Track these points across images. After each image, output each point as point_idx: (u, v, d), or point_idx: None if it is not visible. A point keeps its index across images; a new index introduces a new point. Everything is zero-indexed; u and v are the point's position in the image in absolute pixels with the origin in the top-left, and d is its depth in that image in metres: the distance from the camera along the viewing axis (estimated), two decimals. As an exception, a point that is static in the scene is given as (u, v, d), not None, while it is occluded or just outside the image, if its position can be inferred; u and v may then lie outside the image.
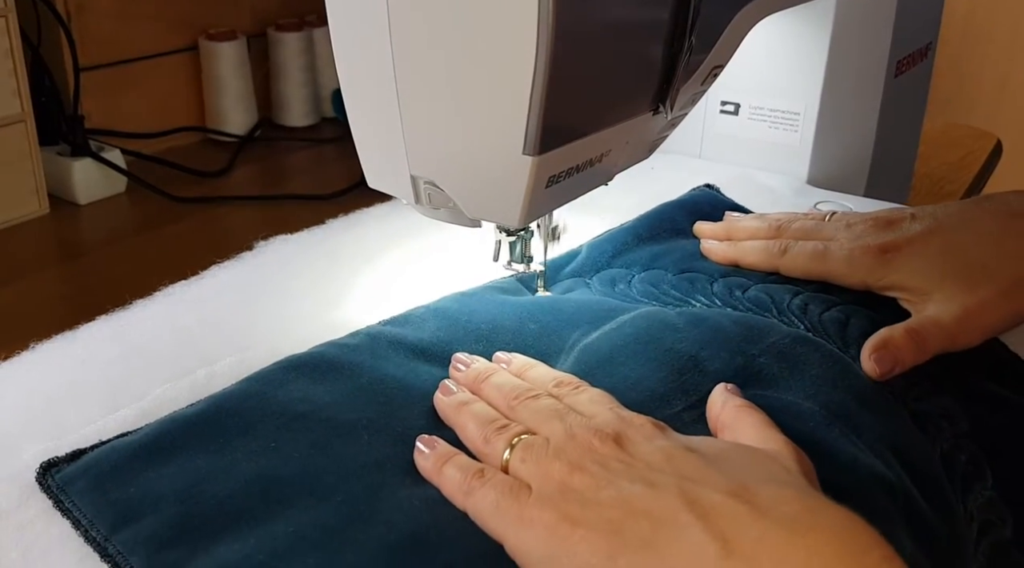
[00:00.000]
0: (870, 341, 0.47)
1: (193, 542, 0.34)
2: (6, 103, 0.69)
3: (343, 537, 0.35)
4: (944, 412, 0.45)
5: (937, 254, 0.51)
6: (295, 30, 0.92)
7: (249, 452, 0.38)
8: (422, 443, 0.39)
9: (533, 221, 0.50)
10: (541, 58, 0.35)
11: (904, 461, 0.41)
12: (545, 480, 0.36)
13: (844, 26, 0.69)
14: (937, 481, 0.41)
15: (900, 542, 0.36)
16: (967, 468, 0.43)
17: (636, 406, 0.40)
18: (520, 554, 0.34)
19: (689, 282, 0.54)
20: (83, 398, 0.43)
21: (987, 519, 0.42)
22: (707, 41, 0.47)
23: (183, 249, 0.58)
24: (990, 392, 0.48)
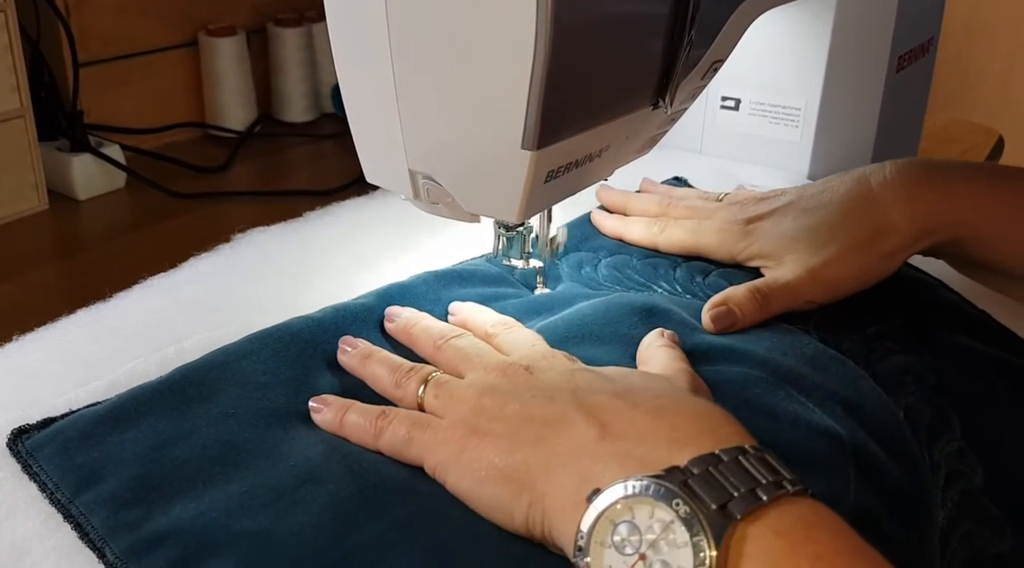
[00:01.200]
0: (712, 298, 0.50)
1: (151, 502, 0.36)
2: (5, 98, 0.68)
3: (294, 497, 0.36)
4: (908, 369, 0.47)
5: (791, 221, 0.54)
6: (294, 25, 0.92)
7: (210, 418, 0.40)
8: (316, 402, 0.42)
9: (532, 216, 0.49)
10: (540, 52, 0.35)
11: (859, 416, 0.42)
12: (458, 407, 0.39)
13: (845, 21, 0.68)
14: (898, 433, 0.43)
15: (847, 486, 0.38)
16: (932, 420, 0.45)
17: None
18: (438, 471, 0.37)
19: (653, 267, 0.56)
20: (58, 375, 0.45)
21: (956, 468, 0.43)
22: (707, 35, 0.47)
23: (182, 245, 0.58)
24: (958, 345, 0.50)
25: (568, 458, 0.34)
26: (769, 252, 0.53)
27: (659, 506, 0.31)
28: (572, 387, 0.38)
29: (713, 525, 0.30)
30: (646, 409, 0.35)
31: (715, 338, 0.48)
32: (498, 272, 0.55)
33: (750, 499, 0.30)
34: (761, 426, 0.40)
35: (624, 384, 0.38)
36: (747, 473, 0.31)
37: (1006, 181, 0.53)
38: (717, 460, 0.32)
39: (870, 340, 0.49)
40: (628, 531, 0.31)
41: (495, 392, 0.39)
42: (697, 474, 0.31)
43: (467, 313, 0.48)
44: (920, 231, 0.52)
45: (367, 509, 0.36)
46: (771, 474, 0.31)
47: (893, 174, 0.54)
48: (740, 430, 0.35)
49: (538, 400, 0.38)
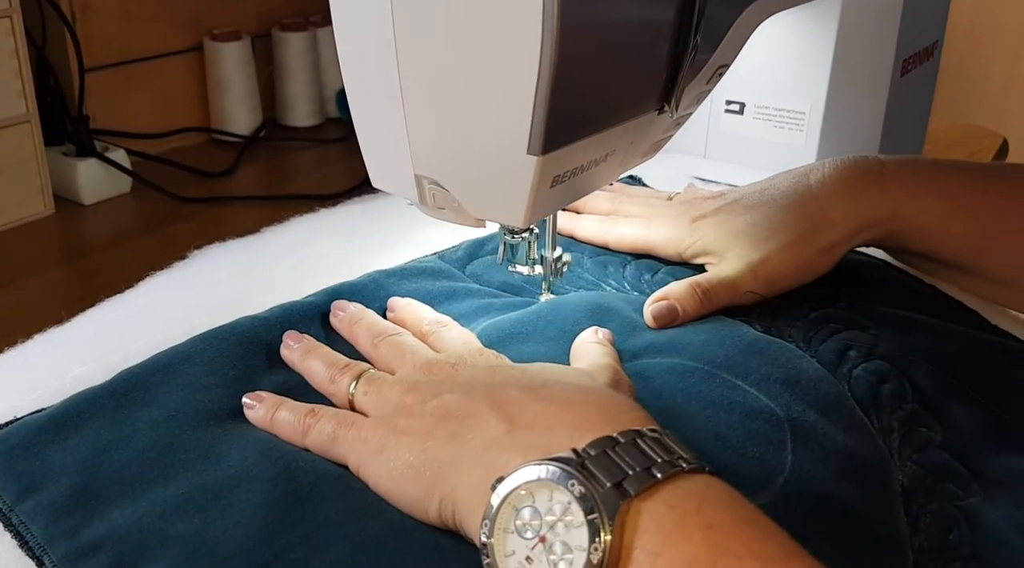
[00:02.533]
0: (654, 294, 0.51)
1: (89, 509, 0.36)
2: (11, 104, 0.69)
3: (229, 498, 0.37)
4: (851, 344, 0.49)
5: (734, 218, 0.55)
6: (299, 30, 0.93)
7: (150, 422, 0.41)
8: (249, 398, 0.42)
9: (537, 221, 0.49)
10: (545, 57, 0.35)
11: (796, 391, 0.44)
12: (383, 405, 0.40)
13: (850, 25, 0.68)
14: (838, 401, 0.44)
15: (782, 458, 0.40)
16: (880, 387, 0.46)
17: None
18: (361, 470, 0.38)
19: (603, 266, 0.57)
20: (5, 389, 0.44)
21: (911, 429, 0.44)
22: (712, 40, 0.47)
23: (188, 249, 0.58)
24: (902, 316, 0.51)
25: (477, 452, 0.35)
26: (712, 248, 0.54)
27: (557, 489, 0.31)
28: (489, 382, 0.39)
29: (607, 503, 0.30)
30: (554, 401, 0.36)
31: (656, 333, 0.49)
32: (447, 268, 0.55)
33: (644, 477, 0.31)
34: (697, 413, 0.42)
35: (540, 379, 0.39)
36: (643, 453, 0.32)
37: (942, 174, 0.55)
38: (614, 442, 0.33)
39: (813, 324, 0.50)
40: (530, 515, 0.31)
41: (418, 390, 0.40)
42: (594, 456, 0.32)
43: (404, 310, 0.49)
44: (857, 226, 0.53)
45: (301, 507, 0.36)
46: (666, 454, 0.32)
47: (831, 171, 0.55)
48: (643, 416, 0.36)
49: (455, 396, 0.38)
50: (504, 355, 0.45)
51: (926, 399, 0.46)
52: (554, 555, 0.31)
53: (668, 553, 0.30)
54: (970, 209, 0.53)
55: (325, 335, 0.47)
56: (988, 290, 0.55)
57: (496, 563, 0.32)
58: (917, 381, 0.46)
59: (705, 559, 0.29)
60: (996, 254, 0.53)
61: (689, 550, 0.29)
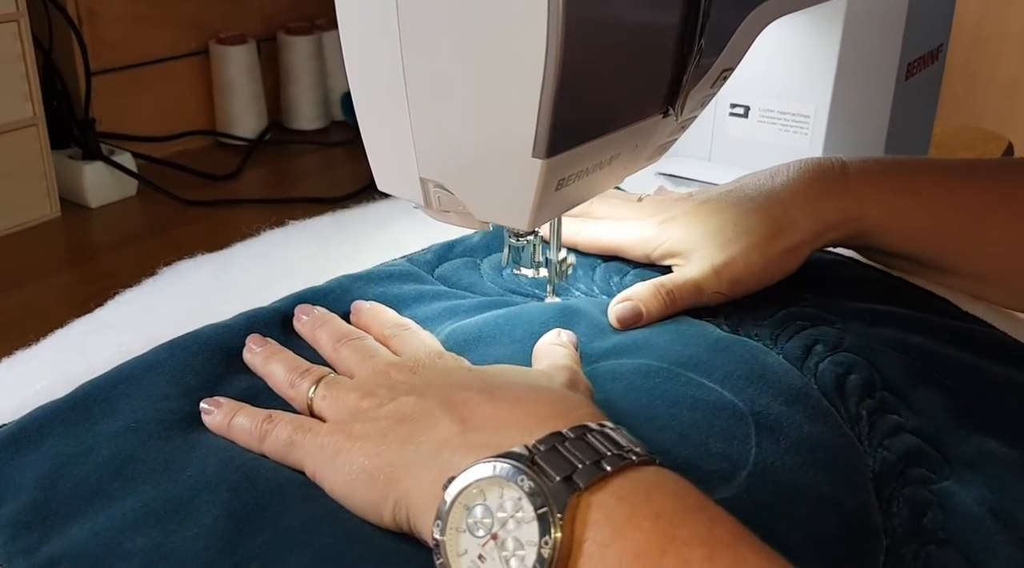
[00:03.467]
0: (617, 295, 0.51)
1: (48, 525, 0.36)
2: (18, 107, 0.69)
3: (188, 508, 0.36)
4: (817, 339, 0.48)
5: (701, 219, 0.55)
6: (305, 34, 0.93)
7: (110, 434, 0.40)
8: (207, 403, 0.42)
9: (542, 224, 0.49)
10: (551, 60, 0.35)
11: (761, 385, 0.44)
12: (340, 409, 0.40)
13: (855, 28, 0.68)
14: (802, 392, 0.44)
15: (746, 452, 0.40)
16: (845, 378, 0.46)
17: None
18: (317, 475, 0.38)
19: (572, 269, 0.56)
20: None
21: (880, 415, 0.44)
22: (717, 44, 0.47)
23: (193, 252, 0.58)
24: (868, 308, 0.51)
25: (430, 454, 0.35)
26: (678, 250, 0.54)
27: (507, 485, 0.31)
28: (445, 384, 0.39)
29: (557, 497, 0.30)
30: (506, 401, 0.36)
31: (622, 335, 0.49)
32: (415, 271, 0.55)
33: (593, 470, 0.31)
34: (661, 412, 0.42)
35: (496, 381, 0.39)
36: (592, 448, 0.32)
37: (905, 172, 0.54)
38: (563, 438, 0.33)
39: (780, 322, 0.50)
40: (482, 513, 0.31)
41: (374, 394, 0.40)
42: (544, 451, 0.32)
43: (367, 314, 0.49)
44: (821, 228, 0.53)
45: (261, 516, 0.36)
46: (616, 447, 0.32)
47: (795, 173, 0.55)
48: (593, 412, 0.36)
49: (411, 398, 0.38)
50: (469, 358, 0.44)
51: (895, 387, 0.46)
52: (506, 551, 0.31)
53: (618, 544, 0.30)
54: (935, 206, 0.53)
55: (289, 340, 0.47)
56: (961, 286, 0.55)
57: (449, 562, 0.31)
58: (885, 370, 0.46)
59: (655, 547, 0.29)
60: (965, 250, 0.53)
61: (638, 539, 0.30)
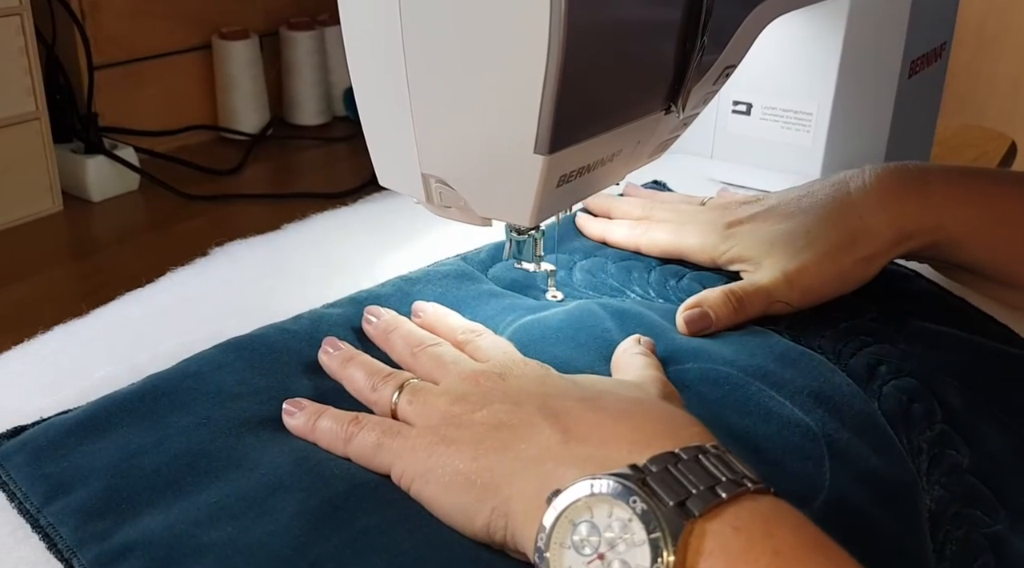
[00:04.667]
0: (687, 300, 0.50)
1: (120, 513, 0.36)
2: (21, 101, 0.69)
3: (263, 507, 0.36)
4: (881, 359, 0.48)
5: (771, 226, 0.54)
6: (307, 29, 0.93)
7: (181, 428, 0.40)
8: (289, 405, 0.41)
9: (544, 220, 0.50)
10: (553, 57, 0.35)
11: (830, 406, 0.43)
12: (429, 414, 0.39)
13: (857, 26, 0.68)
14: (870, 420, 0.43)
15: (821, 475, 0.39)
16: (910, 406, 0.45)
17: None
18: (404, 478, 0.37)
19: (627, 271, 0.56)
20: (28, 384, 0.44)
21: (939, 451, 0.43)
22: (719, 41, 0.47)
23: (195, 246, 0.58)
24: (932, 331, 0.50)
25: (531, 463, 0.34)
26: (748, 256, 0.54)
27: (617, 504, 0.30)
28: (540, 393, 0.38)
29: (671, 522, 0.29)
30: (610, 413, 0.36)
31: (685, 340, 0.48)
32: (470, 271, 0.55)
33: (708, 496, 0.30)
34: (733, 422, 0.41)
35: (593, 390, 0.38)
36: (706, 471, 0.31)
37: (985, 183, 0.53)
38: (676, 458, 0.32)
39: (843, 335, 0.50)
40: (588, 531, 0.30)
41: (466, 400, 0.39)
42: (656, 472, 0.31)
43: (432, 317, 0.48)
44: (898, 236, 0.52)
45: (336, 517, 0.36)
46: (730, 472, 0.31)
47: (871, 179, 0.54)
48: (702, 431, 0.35)
49: (506, 406, 0.38)
50: (536, 359, 0.44)
51: (955, 420, 0.45)
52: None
53: None
54: (1015, 219, 0.52)
55: (357, 344, 0.47)
56: None
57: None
58: (947, 401, 0.45)
59: None
60: None
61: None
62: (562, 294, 0.54)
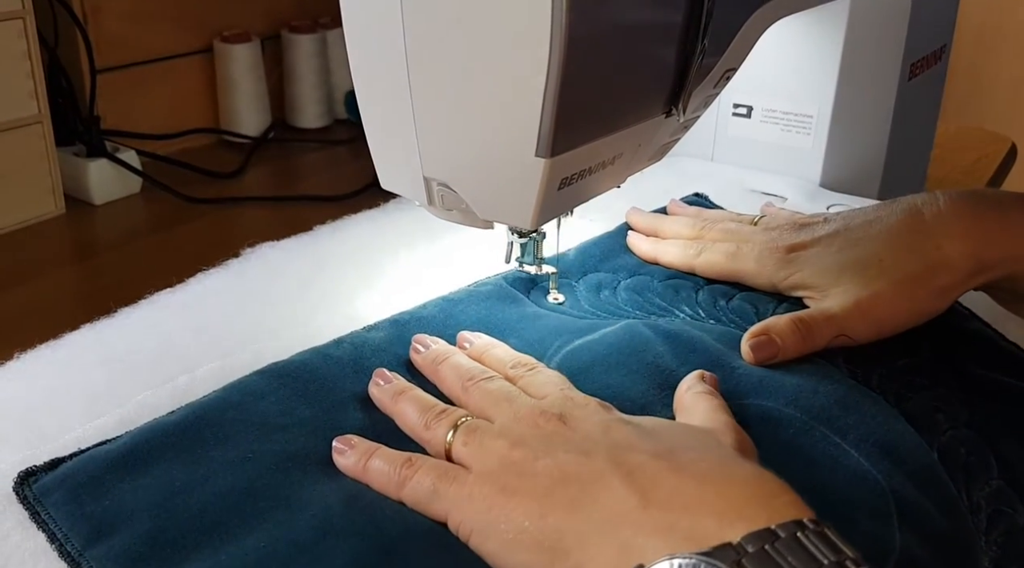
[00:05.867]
0: (752, 328, 0.48)
1: (165, 558, 0.34)
2: (23, 104, 0.69)
3: (314, 552, 0.35)
4: (940, 405, 0.45)
5: (837, 252, 0.52)
6: (309, 32, 0.93)
7: (225, 462, 0.38)
8: (340, 443, 0.40)
9: (545, 223, 0.50)
10: (554, 61, 0.35)
11: (895, 458, 0.41)
12: (487, 458, 0.37)
13: (858, 29, 0.68)
14: (934, 474, 0.41)
15: (891, 535, 0.37)
16: (968, 459, 0.43)
17: None
18: (462, 529, 0.35)
19: (674, 290, 0.54)
20: (63, 406, 0.43)
21: (997, 508, 0.41)
22: (720, 44, 0.47)
23: (197, 249, 0.59)
24: (989, 379, 0.48)
25: (606, 527, 0.32)
26: (814, 283, 0.51)
27: None
28: (609, 443, 0.36)
29: None
30: (691, 474, 0.33)
31: (744, 370, 0.46)
32: (511, 291, 0.53)
33: None
34: (799, 470, 0.39)
35: (666, 443, 0.36)
36: (806, 552, 0.29)
37: None
38: (773, 536, 0.29)
39: (900, 374, 0.47)
40: None
41: (526, 444, 0.37)
42: (752, 553, 0.29)
43: (481, 348, 0.46)
44: (976, 267, 0.49)
45: (390, 565, 0.34)
46: (833, 553, 0.29)
47: (947, 205, 0.51)
48: (795, 500, 0.32)
49: (572, 456, 0.35)
50: (586, 387, 0.42)
51: (1012, 476, 0.43)
52: None
53: None
54: None
55: (401, 372, 0.45)
56: None
57: None
58: (1004, 455, 0.43)
59: None
60: None
61: None
62: (563, 296, 0.54)
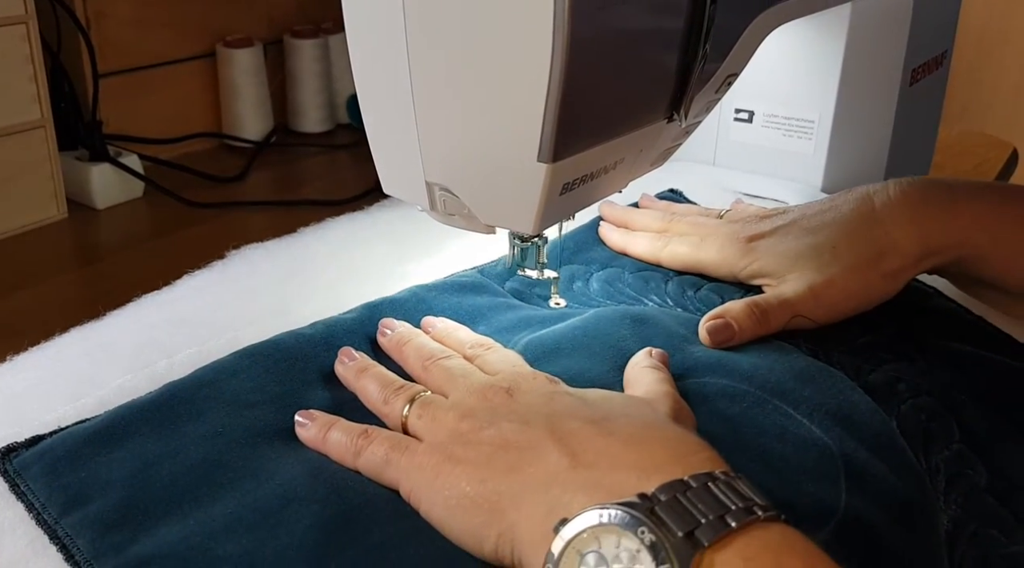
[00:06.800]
0: (710, 312, 0.50)
1: (137, 524, 0.36)
2: (26, 109, 0.69)
3: (278, 518, 0.36)
4: (900, 377, 0.47)
5: (794, 240, 0.54)
6: (311, 37, 0.93)
7: (197, 437, 0.40)
8: (302, 416, 0.42)
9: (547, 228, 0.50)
10: (556, 66, 0.36)
11: (848, 425, 0.43)
12: (437, 430, 0.39)
13: (859, 34, 0.69)
14: (889, 439, 0.43)
15: (836, 497, 0.39)
16: (929, 425, 0.45)
17: None
18: (412, 496, 0.37)
19: (644, 281, 0.56)
20: (46, 392, 0.44)
21: (956, 471, 0.43)
22: (722, 49, 0.47)
23: (199, 254, 0.58)
24: (953, 350, 0.50)
25: (539, 488, 0.34)
26: (771, 270, 0.53)
27: (625, 535, 0.30)
28: (548, 412, 0.38)
29: (679, 553, 0.29)
30: (619, 437, 0.35)
31: (702, 351, 0.48)
32: (487, 283, 0.55)
33: (718, 526, 0.30)
34: (749, 441, 0.41)
35: (602, 410, 0.38)
36: (716, 499, 0.31)
37: (1011, 200, 0.53)
38: (685, 486, 0.31)
39: (861, 351, 0.49)
40: (595, 561, 0.30)
41: (474, 416, 0.39)
42: (664, 501, 0.31)
43: (443, 330, 0.48)
44: (924, 251, 0.52)
45: (350, 530, 0.36)
46: (741, 500, 0.31)
47: (897, 193, 0.53)
48: (712, 457, 0.34)
49: (514, 425, 0.37)
50: (551, 372, 0.44)
51: (973, 440, 0.44)
52: None
53: None
54: None
55: (371, 354, 0.47)
56: None
57: None
58: (964, 421, 0.45)
59: None
60: None
61: None
62: (565, 301, 0.54)
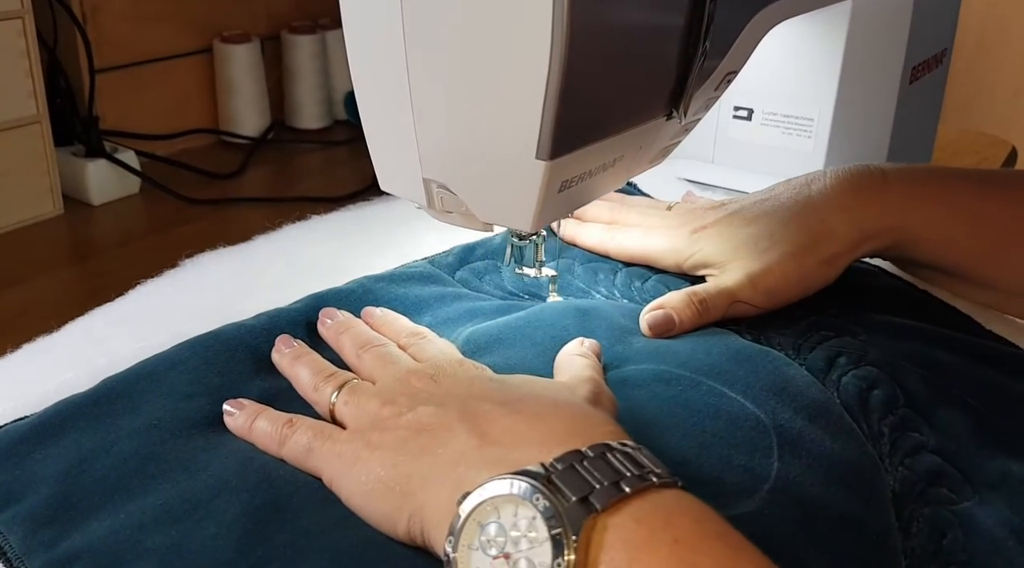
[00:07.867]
0: (650, 303, 0.50)
1: (68, 519, 0.36)
2: (22, 104, 0.69)
3: (208, 508, 0.36)
4: (842, 350, 0.48)
5: (735, 229, 0.54)
6: (308, 33, 0.93)
7: (132, 430, 0.40)
8: (230, 405, 0.42)
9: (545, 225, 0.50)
10: (555, 62, 0.35)
11: (783, 398, 0.43)
12: (360, 416, 0.40)
13: (859, 32, 0.68)
14: (825, 406, 0.44)
15: (768, 465, 0.39)
16: (869, 393, 0.46)
17: None
18: (333, 484, 0.38)
19: (594, 272, 0.57)
20: None
21: (902, 433, 0.44)
22: (721, 46, 0.47)
23: (195, 250, 0.58)
24: (896, 323, 0.51)
25: (447, 467, 0.35)
26: (712, 260, 0.54)
27: (523, 504, 0.30)
28: (465, 395, 0.38)
29: (572, 518, 0.30)
30: (525, 415, 0.36)
31: (644, 342, 0.48)
32: (436, 273, 0.55)
33: (612, 491, 0.30)
34: (682, 421, 0.42)
35: (517, 393, 0.38)
36: (611, 467, 0.31)
37: (945, 182, 0.54)
38: (583, 456, 0.32)
39: (803, 331, 0.50)
40: (496, 531, 0.31)
41: (395, 402, 0.39)
42: (561, 470, 0.31)
43: (381, 320, 0.49)
44: (859, 237, 0.52)
45: (279, 518, 0.36)
46: (636, 468, 0.31)
47: (832, 180, 0.54)
48: (615, 430, 0.35)
49: (429, 409, 0.38)
50: (491, 361, 0.44)
51: (917, 404, 0.45)
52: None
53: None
54: (975, 218, 0.53)
55: (312, 343, 0.47)
56: (997, 301, 0.54)
57: None
58: (908, 386, 0.46)
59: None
60: (1004, 264, 0.53)
61: (655, 566, 0.29)
62: (561, 298, 0.54)
